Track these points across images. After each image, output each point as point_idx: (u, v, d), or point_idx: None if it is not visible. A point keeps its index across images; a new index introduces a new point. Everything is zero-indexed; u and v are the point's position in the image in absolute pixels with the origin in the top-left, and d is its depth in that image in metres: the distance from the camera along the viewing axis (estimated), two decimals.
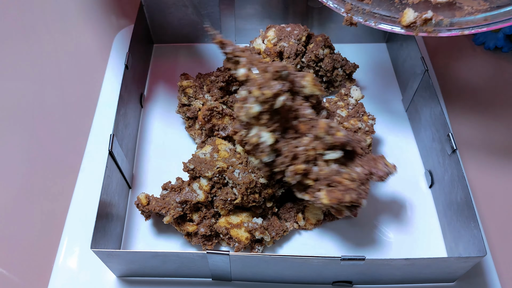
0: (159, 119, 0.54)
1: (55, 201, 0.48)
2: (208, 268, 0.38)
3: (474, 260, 0.36)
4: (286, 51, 0.51)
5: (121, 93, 0.46)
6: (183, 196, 0.41)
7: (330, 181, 0.38)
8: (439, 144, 0.45)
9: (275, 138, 0.38)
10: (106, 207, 0.40)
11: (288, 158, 0.38)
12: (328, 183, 0.38)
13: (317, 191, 0.38)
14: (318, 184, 0.38)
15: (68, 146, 0.53)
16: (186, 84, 0.49)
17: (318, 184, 0.38)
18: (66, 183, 0.49)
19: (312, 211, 0.44)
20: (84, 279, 0.41)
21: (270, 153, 0.38)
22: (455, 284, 0.41)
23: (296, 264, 0.37)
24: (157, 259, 0.37)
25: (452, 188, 0.42)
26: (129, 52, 0.50)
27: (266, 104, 0.37)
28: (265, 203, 0.43)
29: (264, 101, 0.37)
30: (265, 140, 0.38)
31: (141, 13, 0.56)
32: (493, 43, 0.62)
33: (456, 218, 0.41)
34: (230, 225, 0.41)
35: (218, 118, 0.46)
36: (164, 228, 0.44)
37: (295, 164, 0.38)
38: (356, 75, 0.57)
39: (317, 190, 0.38)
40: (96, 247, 0.36)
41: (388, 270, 0.38)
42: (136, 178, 0.48)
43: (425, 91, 0.48)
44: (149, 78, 0.58)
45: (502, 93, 0.58)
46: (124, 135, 0.46)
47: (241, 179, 0.40)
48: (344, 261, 0.35)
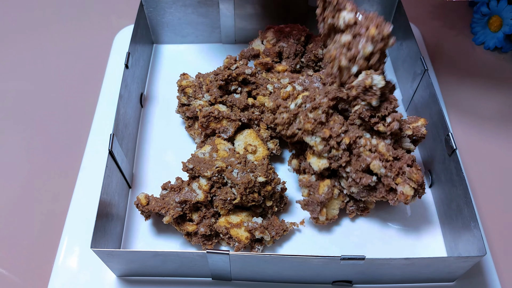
0: (159, 119, 0.54)
1: (55, 201, 0.48)
2: (208, 267, 0.38)
3: (474, 260, 0.36)
4: (285, 51, 0.51)
5: (121, 93, 0.46)
6: (183, 196, 0.41)
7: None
8: (439, 144, 0.45)
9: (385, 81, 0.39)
10: (106, 207, 0.40)
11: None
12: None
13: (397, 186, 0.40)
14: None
15: (68, 146, 0.53)
16: (185, 84, 0.49)
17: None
18: (66, 182, 0.49)
19: (330, 206, 0.44)
20: (84, 278, 0.41)
21: (379, 97, 0.39)
22: (455, 283, 0.41)
23: (296, 264, 0.37)
24: (157, 259, 0.37)
25: (452, 188, 0.42)
26: (129, 51, 0.50)
27: (380, 44, 0.38)
28: (265, 202, 0.43)
29: (380, 40, 0.38)
30: (377, 83, 0.38)
31: (141, 12, 0.56)
32: (493, 43, 0.62)
33: (455, 218, 0.41)
34: (230, 224, 0.41)
35: (216, 122, 0.46)
36: (164, 227, 0.44)
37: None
38: None
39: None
40: (96, 247, 0.36)
41: (388, 270, 0.38)
42: (136, 177, 0.48)
43: (425, 91, 0.48)
44: (149, 77, 0.58)
45: (502, 93, 0.58)
46: (124, 135, 0.46)
47: (240, 179, 0.40)
48: (344, 260, 0.35)
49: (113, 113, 0.44)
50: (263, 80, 0.49)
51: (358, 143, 0.40)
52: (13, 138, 0.54)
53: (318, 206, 0.43)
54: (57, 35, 0.66)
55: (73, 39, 0.66)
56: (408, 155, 0.41)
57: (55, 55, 0.63)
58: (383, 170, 0.39)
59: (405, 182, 0.40)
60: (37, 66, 0.62)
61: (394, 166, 0.40)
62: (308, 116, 0.41)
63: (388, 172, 0.40)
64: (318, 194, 0.42)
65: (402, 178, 0.40)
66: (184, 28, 0.60)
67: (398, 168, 0.40)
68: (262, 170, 0.41)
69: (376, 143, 0.40)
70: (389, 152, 0.40)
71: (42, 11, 0.70)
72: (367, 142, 0.40)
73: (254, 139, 0.46)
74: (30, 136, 0.54)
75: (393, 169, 0.40)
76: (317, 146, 0.41)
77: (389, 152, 0.40)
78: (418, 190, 0.40)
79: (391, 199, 0.41)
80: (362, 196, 0.42)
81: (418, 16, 0.68)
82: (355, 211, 0.45)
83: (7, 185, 0.50)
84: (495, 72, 0.61)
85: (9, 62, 0.62)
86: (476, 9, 0.64)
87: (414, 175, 0.39)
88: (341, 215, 0.46)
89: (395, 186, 0.40)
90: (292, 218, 0.46)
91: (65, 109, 0.57)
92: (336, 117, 0.41)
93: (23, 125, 0.55)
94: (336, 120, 0.41)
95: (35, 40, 0.65)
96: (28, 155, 0.52)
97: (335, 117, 0.41)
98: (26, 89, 0.59)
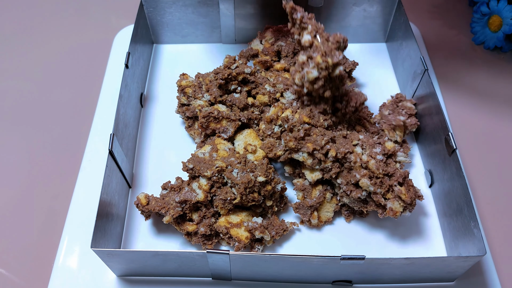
0: (159, 119, 0.54)
1: (55, 201, 0.48)
2: (208, 267, 0.38)
3: (474, 260, 0.36)
4: (284, 50, 0.51)
5: (121, 93, 0.46)
6: (183, 195, 0.41)
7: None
8: (439, 143, 0.45)
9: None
10: (106, 207, 0.40)
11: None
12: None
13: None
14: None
15: (68, 146, 0.53)
16: (185, 84, 0.49)
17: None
18: (66, 182, 0.49)
19: (324, 209, 0.44)
20: (84, 278, 0.41)
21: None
22: (455, 283, 0.41)
23: (296, 264, 0.37)
24: (157, 259, 0.37)
25: (452, 187, 0.42)
26: (129, 51, 0.50)
27: (324, 71, 0.39)
28: (265, 202, 0.43)
29: (324, 68, 0.39)
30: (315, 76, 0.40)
31: (141, 12, 0.56)
32: (493, 43, 0.62)
33: (455, 218, 0.41)
34: (230, 224, 0.41)
35: (216, 123, 0.46)
36: (164, 227, 0.44)
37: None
38: (356, 75, 0.57)
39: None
40: (96, 247, 0.36)
41: (388, 270, 0.38)
42: (136, 177, 0.48)
43: (425, 90, 0.48)
44: (149, 77, 0.58)
45: (501, 92, 0.58)
46: (124, 135, 0.46)
47: (240, 178, 0.40)
48: (343, 260, 0.35)
49: (113, 113, 0.44)
50: (263, 79, 0.49)
51: (348, 158, 0.41)
52: (13, 138, 0.54)
53: (309, 209, 0.43)
54: (57, 35, 0.66)
55: (73, 39, 0.66)
56: (400, 171, 0.40)
57: (55, 55, 0.63)
58: (372, 188, 0.40)
59: (395, 199, 0.40)
60: (37, 66, 0.62)
61: (385, 183, 0.40)
62: (289, 135, 0.42)
63: (378, 188, 0.40)
64: (309, 198, 0.43)
65: (392, 194, 0.40)
66: (184, 28, 0.60)
67: (388, 185, 0.40)
68: (262, 170, 0.41)
69: (366, 160, 0.40)
70: (379, 170, 0.39)
71: (42, 11, 0.70)
72: (357, 159, 0.40)
73: (254, 139, 0.46)
74: (30, 136, 0.54)
75: (384, 185, 0.40)
76: (306, 161, 0.42)
77: (379, 169, 0.39)
78: (408, 207, 0.40)
79: (380, 213, 0.41)
80: (355, 206, 0.43)
81: (418, 16, 0.68)
82: (351, 215, 0.45)
83: (7, 185, 0.50)
84: (495, 72, 0.61)
85: (9, 62, 0.62)
86: (476, 9, 0.64)
87: (403, 196, 0.39)
88: (340, 215, 0.46)
89: (384, 202, 0.40)
90: (292, 218, 0.46)
91: (65, 109, 0.57)
92: (317, 130, 0.42)
93: (23, 125, 0.55)
94: (318, 133, 0.42)
95: (35, 40, 0.65)
96: (28, 155, 0.52)
97: (316, 129, 0.42)
98: (26, 89, 0.59)
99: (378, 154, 0.40)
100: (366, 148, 0.41)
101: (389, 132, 0.47)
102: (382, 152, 0.41)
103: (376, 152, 0.40)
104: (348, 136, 0.43)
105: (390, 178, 0.40)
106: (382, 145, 0.41)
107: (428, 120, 0.48)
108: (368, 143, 0.41)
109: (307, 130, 0.42)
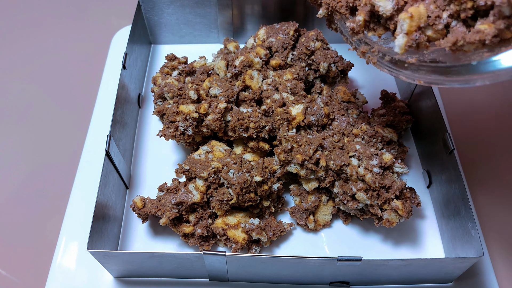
0: (156, 120, 0.54)
1: (53, 201, 0.48)
2: (205, 268, 0.38)
3: (471, 261, 0.36)
4: (274, 46, 0.51)
5: (118, 93, 0.46)
6: (179, 197, 0.41)
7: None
8: (437, 144, 0.45)
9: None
10: (103, 208, 0.40)
11: None
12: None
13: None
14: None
15: (66, 146, 0.53)
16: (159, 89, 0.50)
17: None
18: (63, 183, 0.49)
19: (321, 213, 0.44)
20: (82, 279, 0.41)
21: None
22: (452, 284, 0.41)
23: (293, 265, 0.37)
24: (153, 260, 0.37)
25: (449, 188, 0.42)
26: (126, 52, 0.50)
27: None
28: (262, 203, 0.43)
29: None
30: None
31: (138, 13, 0.56)
32: None
33: (453, 219, 0.41)
34: (227, 225, 0.41)
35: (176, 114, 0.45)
36: (161, 228, 0.44)
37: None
38: (354, 75, 0.57)
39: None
40: (92, 248, 0.36)
41: (385, 271, 0.38)
42: (134, 178, 0.48)
43: (423, 91, 0.48)
44: (147, 78, 0.58)
45: (501, 92, 0.58)
46: (121, 136, 0.46)
47: (236, 179, 0.40)
48: (340, 261, 0.35)
49: (110, 114, 0.44)
50: None
51: (344, 170, 0.40)
52: (10, 139, 0.54)
53: (304, 213, 0.43)
54: (54, 35, 0.66)
55: (71, 39, 0.66)
56: (397, 183, 0.39)
57: (53, 56, 0.63)
58: (368, 201, 0.39)
59: (391, 210, 0.39)
60: (34, 66, 0.62)
61: (382, 195, 0.39)
62: (279, 148, 0.42)
63: (375, 200, 0.39)
64: (305, 203, 0.43)
65: (389, 206, 0.40)
66: (182, 28, 0.60)
67: (385, 197, 0.39)
68: (258, 170, 0.41)
69: (363, 174, 0.39)
70: (375, 184, 0.39)
71: (40, 12, 0.70)
72: (353, 171, 0.40)
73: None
74: (28, 137, 0.54)
75: (380, 197, 0.39)
76: (300, 172, 0.42)
77: (376, 183, 0.39)
78: (404, 217, 0.40)
79: (377, 223, 0.41)
80: (352, 213, 0.43)
81: None
82: (349, 217, 0.45)
83: (4, 186, 0.50)
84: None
85: (7, 62, 0.62)
86: None
87: (400, 211, 0.39)
88: (338, 217, 0.45)
89: (381, 214, 0.40)
90: (290, 218, 0.46)
91: (63, 109, 0.57)
92: (305, 138, 0.42)
93: (20, 126, 0.55)
94: (305, 142, 0.42)
95: (32, 40, 0.65)
96: (26, 156, 0.52)
97: (304, 138, 0.42)
98: (23, 89, 0.59)
99: (375, 167, 0.40)
100: (363, 160, 0.40)
101: (383, 130, 0.46)
102: (379, 164, 0.40)
103: (373, 164, 0.40)
104: (344, 146, 0.42)
105: (387, 191, 0.39)
106: (379, 157, 0.40)
107: (426, 120, 0.48)
108: (365, 154, 0.40)
109: (296, 141, 0.42)
